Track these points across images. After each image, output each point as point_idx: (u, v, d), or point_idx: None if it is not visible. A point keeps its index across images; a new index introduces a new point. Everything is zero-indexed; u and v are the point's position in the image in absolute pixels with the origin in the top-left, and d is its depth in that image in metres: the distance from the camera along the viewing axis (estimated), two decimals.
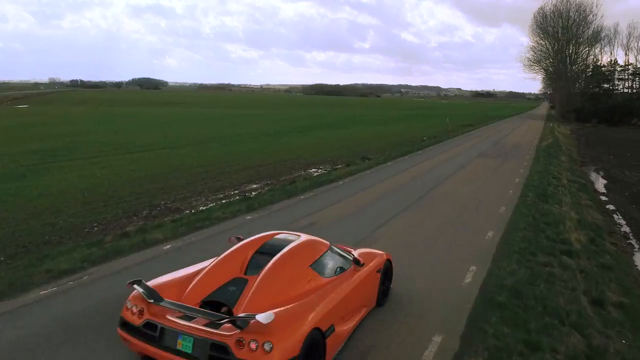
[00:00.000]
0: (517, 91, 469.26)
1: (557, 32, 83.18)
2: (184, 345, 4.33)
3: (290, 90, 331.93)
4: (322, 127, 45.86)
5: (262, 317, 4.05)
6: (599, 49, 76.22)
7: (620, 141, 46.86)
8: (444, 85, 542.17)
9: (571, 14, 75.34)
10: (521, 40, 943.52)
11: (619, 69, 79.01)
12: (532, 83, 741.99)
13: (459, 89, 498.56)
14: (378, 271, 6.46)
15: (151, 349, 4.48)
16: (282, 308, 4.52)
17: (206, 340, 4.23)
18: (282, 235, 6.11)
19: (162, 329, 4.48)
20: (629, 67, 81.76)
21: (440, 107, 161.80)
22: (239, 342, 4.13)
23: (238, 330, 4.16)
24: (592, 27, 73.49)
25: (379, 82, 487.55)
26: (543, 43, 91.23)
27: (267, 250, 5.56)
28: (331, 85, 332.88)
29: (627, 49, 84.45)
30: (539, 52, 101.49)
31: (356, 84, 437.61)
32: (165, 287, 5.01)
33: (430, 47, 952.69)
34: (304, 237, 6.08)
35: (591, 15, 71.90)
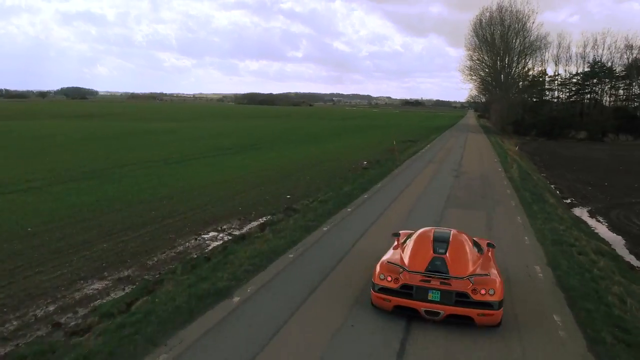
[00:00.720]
0: (443, 99, 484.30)
1: (494, 41, 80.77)
2: (433, 296, 7.04)
3: (223, 100, 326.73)
4: (244, 149, 37.67)
5: (492, 274, 7.44)
6: (535, 59, 74.19)
7: (575, 160, 42.69)
8: (374, 94, 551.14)
9: (508, 22, 72.64)
10: (446, 50, 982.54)
11: (548, 79, 77.41)
12: (457, 92, 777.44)
13: (389, 97, 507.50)
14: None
15: (409, 302, 7.16)
16: (485, 271, 7.57)
17: (452, 292, 6.98)
18: (438, 229, 8.97)
19: (416, 287, 7.13)
20: (557, 77, 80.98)
21: (373, 116, 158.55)
22: (474, 290, 6.97)
23: (471, 284, 7.05)
24: (529, 36, 71.06)
25: (311, 91, 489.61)
26: (479, 53, 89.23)
27: (438, 238, 8.04)
28: (264, 94, 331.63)
29: (557, 59, 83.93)
30: (476, 61, 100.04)
31: (289, 92, 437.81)
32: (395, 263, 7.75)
33: (361, 56, 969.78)
34: (454, 230, 8.77)
35: (529, 23, 69.35)
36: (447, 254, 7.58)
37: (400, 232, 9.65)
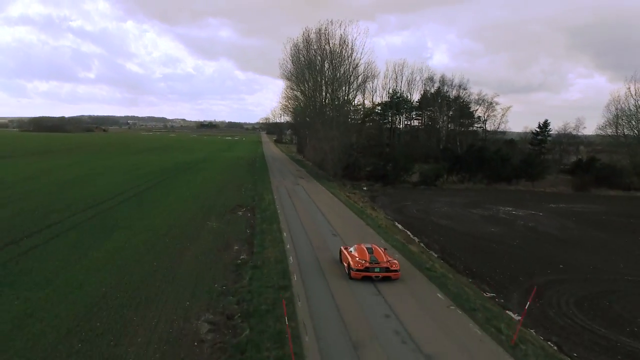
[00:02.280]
0: (235, 121, 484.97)
1: (315, 67, 71.43)
2: (377, 270, 18.42)
3: (8, 125, 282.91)
4: None
5: (396, 260, 19.93)
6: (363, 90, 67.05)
7: (480, 242, 33.48)
8: (169, 116, 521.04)
9: (330, 51, 63.59)
10: (235, 73, 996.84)
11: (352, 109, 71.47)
12: (247, 113, 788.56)
13: (184, 120, 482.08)
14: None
15: (369, 274, 18.33)
16: (391, 258, 19.74)
17: (382, 268, 18.53)
18: (365, 244, 20.27)
19: (370, 267, 18.39)
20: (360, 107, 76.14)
21: (172, 144, 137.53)
22: (390, 266, 18.70)
23: (388, 264, 18.85)
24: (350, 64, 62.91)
25: (106, 114, 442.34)
26: (298, 81, 79.31)
27: (368, 248, 19.49)
28: (55, 118, 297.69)
29: (363, 92, 79.66)
30: (292, 91, 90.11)
31: (82, 115, 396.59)
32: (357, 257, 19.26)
33: (155, 78, 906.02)
34: (373, 244, 20.92)
35: (355, 54, 61.25)
36: (374, 254, 19.04)
37: (341, 247, 21.57)
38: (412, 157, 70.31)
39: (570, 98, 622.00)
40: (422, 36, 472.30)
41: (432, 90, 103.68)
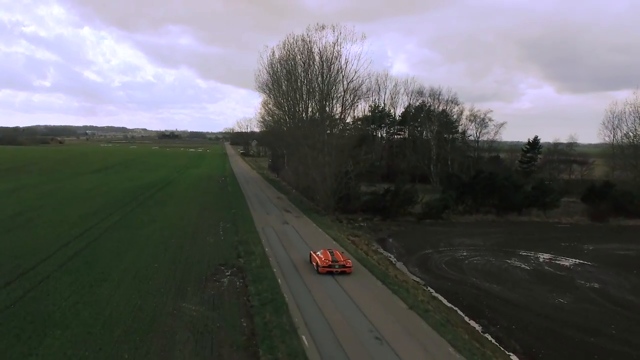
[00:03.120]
0: (197, 130, 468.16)
1: (294, 83, 62.68)
2: (337, 266, 27.37)
3: None
4: None
5: (350, 259, 29.24)
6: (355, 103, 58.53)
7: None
8: (129, 126, 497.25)
9: (319, 61, 54.84)
10: (197, 81, 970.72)
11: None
12: (210, 122, 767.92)
13: (145, 129, 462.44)
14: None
15: (331, 269, 27.27)
16: (347, 258, 28.76)
17: (341, 265, 27.51)
18: (329, 249, 29.80)
19: (332, 265, 27.37)
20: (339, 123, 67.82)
21: (132, 158, 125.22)
22: (345, 263, 27.75)
23: (344, 262, 27.89)
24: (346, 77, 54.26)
25: (63, 124, 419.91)
26: (275, 95, 70.40)
27: (329, 251, 28.81)
28: (9, 128, 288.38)
29: (354, 109, 71.29)
30: (270, 108, 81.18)
31: (38, 125, 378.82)
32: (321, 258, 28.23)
33: (114, 87, 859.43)
34: (334, 249, 30.54)
35: (351, 65, 52.49)
36: (334, 256, 27.99)
37: (311, 252, 30.08)
38: (402, 177, 62.65)
39: (522, 107, 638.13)
40: (382, 45, 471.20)
41: (417, 103, 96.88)
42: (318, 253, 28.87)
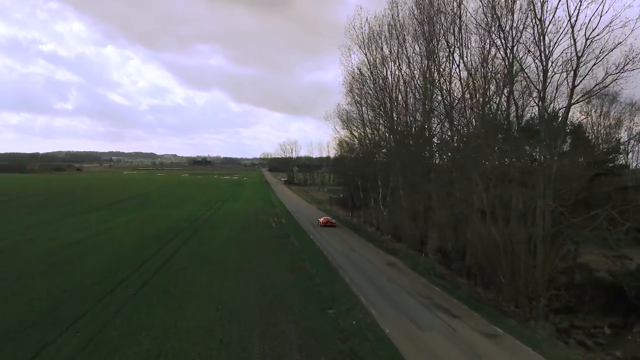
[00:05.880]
0: (230, 156, 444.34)
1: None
2: (329, 224, 56.47)
3: None
4: None
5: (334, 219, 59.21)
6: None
7: None
8: (159, 151, 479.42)
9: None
10: (229, 104, 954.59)
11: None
12: (244, 148, 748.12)
13: (175, 155, 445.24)
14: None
15: (326, 225, 56.23)
16: (333, 219, 58.39)
17: (332, 223, 56.97)
18: (328, 216, 62.88)
19: (325, 223, 56.95)
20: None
21: (159, 193, 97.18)
22: (334, 221, 57.28)
23: (333, 221, 57.57)
24: None
25: (87, 149, 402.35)
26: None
27: (327, 217, 60.05)
28: (26, 155, 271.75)
29: None
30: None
31: (59, 151, 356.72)
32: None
33: (141, 110, 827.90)
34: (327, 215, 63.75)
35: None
36: (326, 219, 57.49)
37: (319, 219, 58.80)
38: None
39: None
40: None
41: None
42: (320, 219, 60.81)
